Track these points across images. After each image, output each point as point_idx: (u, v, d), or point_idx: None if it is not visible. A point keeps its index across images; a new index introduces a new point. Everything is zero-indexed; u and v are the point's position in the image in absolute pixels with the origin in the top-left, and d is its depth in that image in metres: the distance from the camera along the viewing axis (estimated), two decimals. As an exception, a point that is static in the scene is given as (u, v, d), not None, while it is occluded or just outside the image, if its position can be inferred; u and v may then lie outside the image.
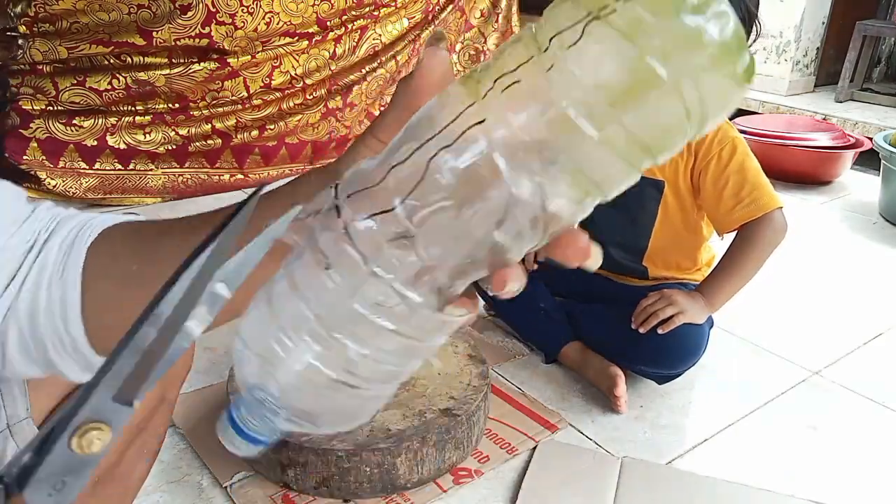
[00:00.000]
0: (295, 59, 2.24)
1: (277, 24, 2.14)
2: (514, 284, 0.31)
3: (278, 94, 2.25)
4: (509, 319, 1.44)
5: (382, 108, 2.35)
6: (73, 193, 2.02)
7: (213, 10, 2.01)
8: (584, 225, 0.30)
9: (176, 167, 2.17)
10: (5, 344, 0.45)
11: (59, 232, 0.46)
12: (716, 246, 1.36)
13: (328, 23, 2.26)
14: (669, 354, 1.22)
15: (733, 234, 1.25)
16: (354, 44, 2.35)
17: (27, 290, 0.44)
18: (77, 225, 0.47)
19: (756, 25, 1.15)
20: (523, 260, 0.31)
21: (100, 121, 2.03)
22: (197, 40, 2.03)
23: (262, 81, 2.20)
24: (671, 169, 1.25)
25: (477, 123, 0.28)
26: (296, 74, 2.25)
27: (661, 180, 1.26)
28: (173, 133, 2.13)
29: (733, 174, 1.21)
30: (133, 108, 2.07)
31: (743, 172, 1.20)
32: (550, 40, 0.27)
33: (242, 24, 2.07)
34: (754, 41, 1.16)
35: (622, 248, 1.32)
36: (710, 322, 1.29)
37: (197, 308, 0.26)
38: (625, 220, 1.29)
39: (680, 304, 1.19)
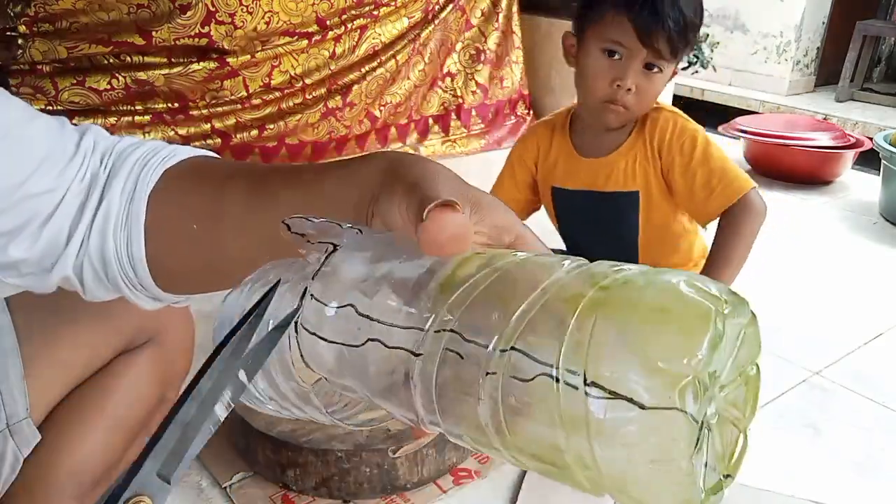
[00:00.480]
0: (294, 58, 2.24)
1: (277, 23, 2.14)
2: None
3: (278, 94, 2.25)
4: None
5: (383, 107, 2.34)
6: (73, 193, 2.02)
7: (213, 9, 2.01)
8: (572, 251, 0.31)
9: (176, 167, 2.17)
10: (83, 279, 0.48)
11: (120, 172, 0.48)
12: (707, 236, 1.35)
13: (328, 22, 2.26)
14: None
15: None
16: (354, 43, 2.35)
17: (96, 233, 0.46)
18: (137, 163, 0.48)
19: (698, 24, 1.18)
20: None
21: (99, 120, 2.03)
22: (196, 40, 2.03)
23: (262, 81, 2.20)
24: (642, 177, 1.24)
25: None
26: (295, 74, 2.25)
27: (635, 191, 1.25)
28: (173, 133, 2.13)
29: (699, 166, 1.20)
30: (133, 108, 2.07)
31: (708, 162, 1.20)
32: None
33: (242, 24, 2.07)
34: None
35: None
36: None
37: (224, 392, 0.29)
38: (609, 238, 1.29)
39: None
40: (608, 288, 0.26)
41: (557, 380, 0.25)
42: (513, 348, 0.26)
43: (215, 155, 0.53)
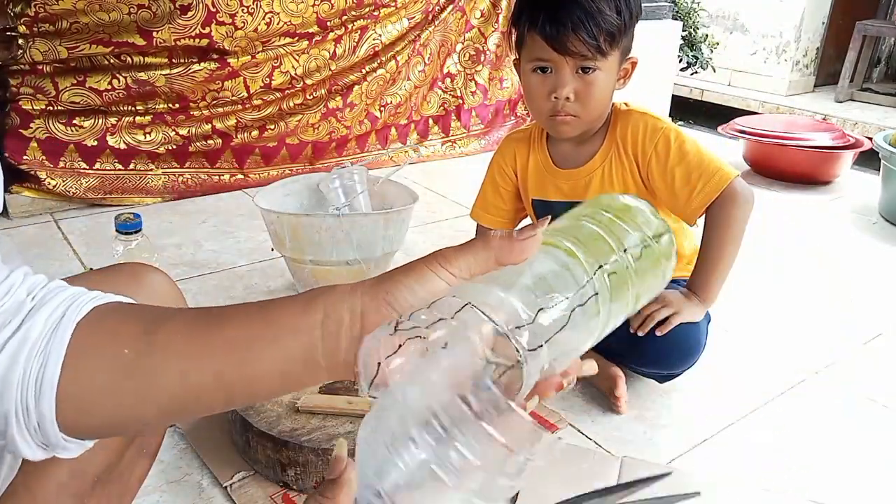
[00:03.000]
0: (295, 59, 2.24)
1: (277, 24, 2.14)
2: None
3: (278, 94, 2.25)
4: None
5: (383, 108, 2.33)
6: (74, 193, 2.02)
7: (214, 10, 2.01)
8: None
9: (176, 167, 2.17)
10: None
11: (47, 305, 0.45)
12: (696, 234, 1.35)
13: (328, 23, 2.26)
14: (669, 354, 1.21)
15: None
16: (354, 44, 2.35)
17: (4, 357, 0.43)
18: (67, 299, 0.46)
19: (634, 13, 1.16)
20: None
21: (100, 121, 2.03)
22: (197, 40, 2.03)
23: (263, 81, 2.20)
24: (620, 182, 1.24)
25: (594, 294, 0.42)
26: (296, 74, 2.26)
27: None
28: (173, 133, 2.13)
29: (676, 165, 1.18)
30: (133, 108, 2.07)
31: (685, 159, 1.18)
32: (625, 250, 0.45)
33: (242, 25, 2.07)
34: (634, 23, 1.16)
35: None
36: (708, 318, 1.29)
37: None
38: None
39: (675, 304, 1.19)
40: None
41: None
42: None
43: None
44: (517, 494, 1.02)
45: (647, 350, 1.21)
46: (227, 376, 0.42)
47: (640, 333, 1.18)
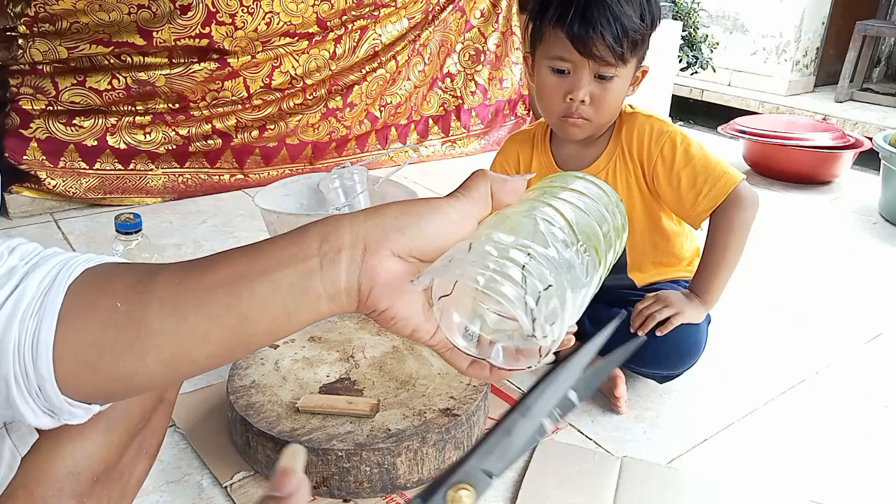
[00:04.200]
0: (295, 59, 2.24)
1: (277, 24, 2.14)
2: None
3: (278, 94, 2.25)
4: None
5: (383, 108, 2.34)
6: (73, 193, 2.02)
7: (214, 10, 2.01)
8: None
9: (176, 167, 2.17)
10: None
11: (40, 267, 0.45)
12: (698, 235, 1.34)
13: (328, 23, 2.26)
14: (669, 355, 1.21)
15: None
16: (354, 44, 2.35)
17: (1, 320, 0.43)
18: (60, 263, 0.46)
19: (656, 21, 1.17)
20: None
21: (100, 121, 2.03)
22: (197, 40, 2.03)
23: (263, 81, 2.20)
24: (623, 185, 1.23)
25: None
26: (296, 74, 2.26)
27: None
28: (173, 133, 2.13)
29: (682, 169, 1.18)
30: (133, 108, 2.07)
31: (691, 163, 1.17)
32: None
33: (242, 25, 2.07)
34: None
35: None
36: (708, 319, 1.29)
37: (553, 409, 0.34)
38: None
39: (676, 305, 1.19)
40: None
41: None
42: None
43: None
44: (518, 495, 1.02)
45: (646, 351, 1.20)
46: (225, 317, 0.42)
47: (641, 334, 1.18)
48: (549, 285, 0.38)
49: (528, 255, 0.38)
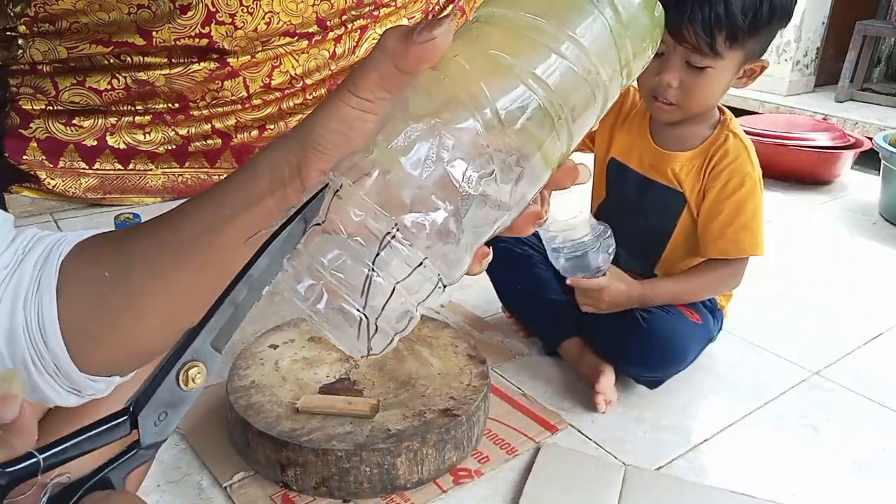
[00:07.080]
0: (295, 58, 2.24)
1: (277, 23, 2.14)
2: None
3: (278, 94, 2.25)
4: (517, 308, 1.44)
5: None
6: (73, 193, 2.02)
7: (213, 10, 2.01)
8: (608, 221, 0.37)
9: (176, 167, 2.17)
10: None
11: (34, 250, 0.46)
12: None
13: (328, 23, 2.26)
14: (651, 353, 1.22)
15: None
16: (354, 44, 2.35)
17: (4, 312, 0.43)
18: (52, 242, 0.47)
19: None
20: None
21: (100, 121, 2.03)
22: (197, 40, 2.03)
23: (262, 81, 2.20)
24: (688, 186, 1.24)
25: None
26: (296, 74, 2.25)
27: (682, 192, 1.25)
28: (173, 133, 2.13)
29: (729, 207, 1.20)
30: (133, 108, 2.07)
31: (739, 210, 1.19)
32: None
33: (242, 24, 2.07)
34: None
35: (636, 258, 1.32)
36: (709, 337, 1.29)
37: (272, 278, 0.32)
38: (644, 226, 1.29)
39: (603, 305, 1.22)
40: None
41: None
42: None
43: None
44: (519, 501, 1.02)
45: (631, 348, 1.22)
46: (203, 270, 0.42)
47: (568, 281, 1.21)
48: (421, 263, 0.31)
49: (395, 226, 0.30)
